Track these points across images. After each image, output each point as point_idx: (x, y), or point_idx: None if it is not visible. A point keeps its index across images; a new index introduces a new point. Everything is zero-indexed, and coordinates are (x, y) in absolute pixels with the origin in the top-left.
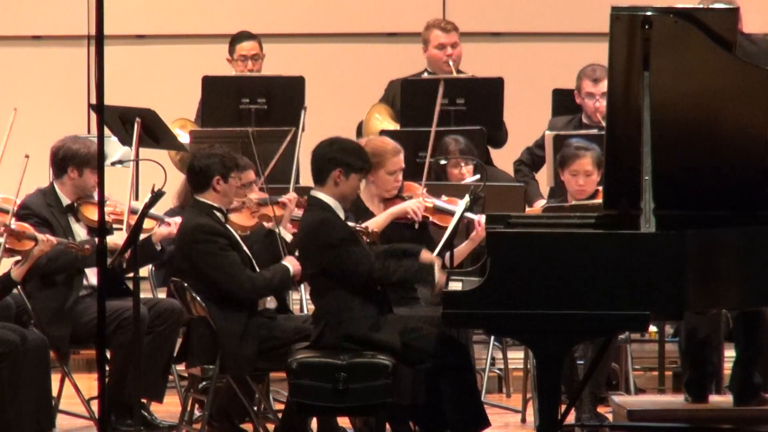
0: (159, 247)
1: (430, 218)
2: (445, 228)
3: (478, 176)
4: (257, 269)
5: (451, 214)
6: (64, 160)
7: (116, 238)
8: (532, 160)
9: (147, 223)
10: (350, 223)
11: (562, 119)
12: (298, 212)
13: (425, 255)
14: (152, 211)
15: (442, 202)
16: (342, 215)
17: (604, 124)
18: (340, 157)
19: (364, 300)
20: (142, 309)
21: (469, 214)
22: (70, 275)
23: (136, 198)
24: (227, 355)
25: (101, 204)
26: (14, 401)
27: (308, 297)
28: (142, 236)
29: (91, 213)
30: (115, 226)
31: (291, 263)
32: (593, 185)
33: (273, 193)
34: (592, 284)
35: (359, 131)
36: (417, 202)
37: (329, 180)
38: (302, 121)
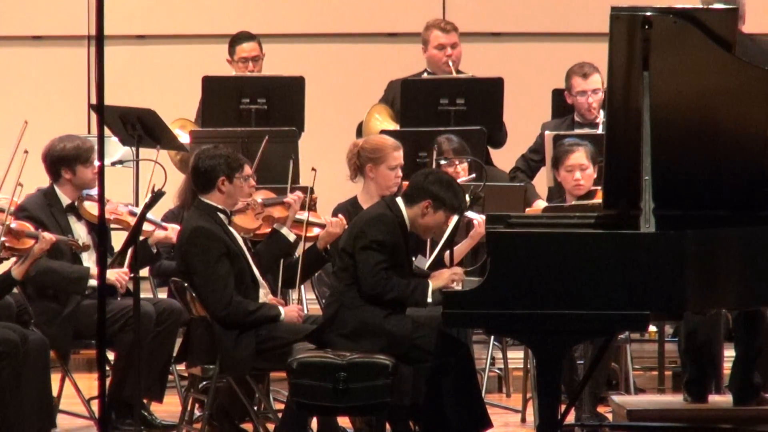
0: (155, 250)
1: None
2: (446, 228)
3: (473, 175)
4: (257, 275)
5: None
6: (54, 163)
7: (111, 275)
8: (528, 166)
9: (145, 226)
10: None
11: (554, 122)
12: (302, 214)
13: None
14: (152, 213)
15: None
16: (408, 226)
17: (599, 118)
18: (437, 191)
19: None
20: (149, 307)
21: (469, 214)
22: None
23: (136, 199)
24: (224, 356)
25: (101, 201)
26: (15, 401)
27: (308, 297)
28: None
29: (93, 210)
30: (114, 225)
31: (287, 314)
32: (590, 180)
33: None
34: (591, 284)
35: (359, 131)
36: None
37: (415, 207)
38: (290, 173)
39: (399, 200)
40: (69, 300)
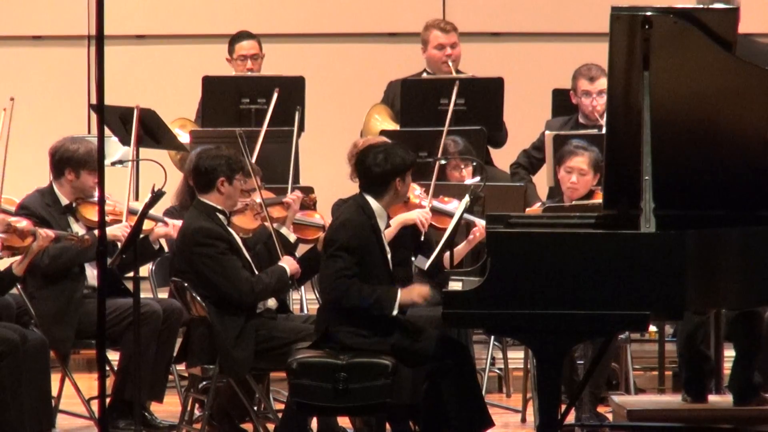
0: (157, 246)
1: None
2: (444, 229)
3: (478, 178)
4: (257, 273)
5: (451, 215)
6: (60, 162)
7: (116, 230)
8: (529, 162)
9: (146, 224)
10: None
11: (558, 120)
12: (301, 215)
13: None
14: (152, 211)
15: (440, 203)
16: (383, 223)
17: (602, 122)
18: (392, 164)
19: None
20: (156, 306)
21: (470, 217)
22: (71, 277)
23: (136, 198)
24: (223, 356)
25: (101, 203)
26: (14, 401)
27: (308, 297)
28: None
29: (90, 213)
30: (114, 225)
31: (288, 263)
32: (586, 186)
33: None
34: (592, 284)
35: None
36: (425, 212)
37: (389, 191)
38: (297, 121)
39: (369, 198)
40: (70, 299)
